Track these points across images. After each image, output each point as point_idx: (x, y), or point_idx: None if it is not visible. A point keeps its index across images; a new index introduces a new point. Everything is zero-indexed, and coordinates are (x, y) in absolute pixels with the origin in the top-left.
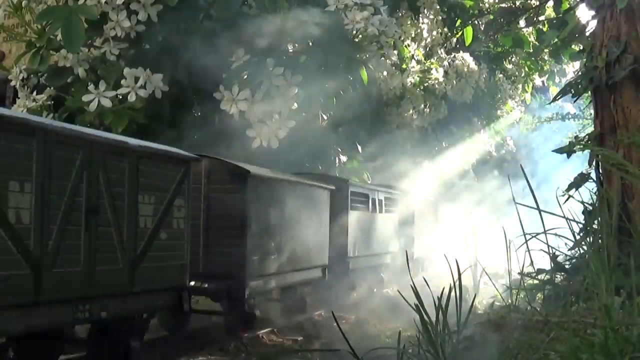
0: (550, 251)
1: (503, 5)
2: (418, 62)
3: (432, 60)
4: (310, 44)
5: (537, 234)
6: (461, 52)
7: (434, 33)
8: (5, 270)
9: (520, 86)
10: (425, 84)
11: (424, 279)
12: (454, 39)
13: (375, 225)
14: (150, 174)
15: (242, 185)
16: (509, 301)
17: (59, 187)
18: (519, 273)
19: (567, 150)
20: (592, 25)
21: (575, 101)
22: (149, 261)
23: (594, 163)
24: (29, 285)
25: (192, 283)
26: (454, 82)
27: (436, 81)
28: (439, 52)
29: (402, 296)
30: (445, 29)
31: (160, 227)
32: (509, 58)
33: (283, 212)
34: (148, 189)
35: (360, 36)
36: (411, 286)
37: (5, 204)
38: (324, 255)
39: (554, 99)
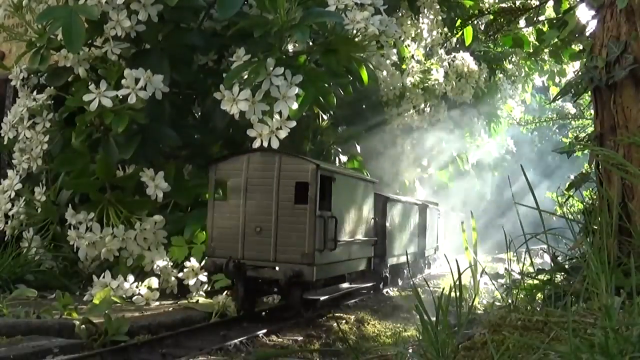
0: (551, 251)
1: (503, 5)
2: (418, 62)
3: (432, 60)
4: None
5: (537, 233)
6: (461, 52)
7: (434, 33)
8: None
9: (520, 86)
10: (425, 84)
11: (425, 280)
12: (454, 39)
13: (440, 227)
14: None
15: None
16: (509, 301)
17: None
18: (519, 273)
19: (567, 150)
20: (592, 25)
21: (575, 101)
22: None
23: (594, 163)
24: None
25: None
26: (454, 82)
27: (436, 81)
28: (439, 52)
29: (402, 296)
30: (445, 29)
31: None
32: (509, 58)
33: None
34: None
35: (360, 36)
36: (411, 286)
37: None
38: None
39: (554, 99)
